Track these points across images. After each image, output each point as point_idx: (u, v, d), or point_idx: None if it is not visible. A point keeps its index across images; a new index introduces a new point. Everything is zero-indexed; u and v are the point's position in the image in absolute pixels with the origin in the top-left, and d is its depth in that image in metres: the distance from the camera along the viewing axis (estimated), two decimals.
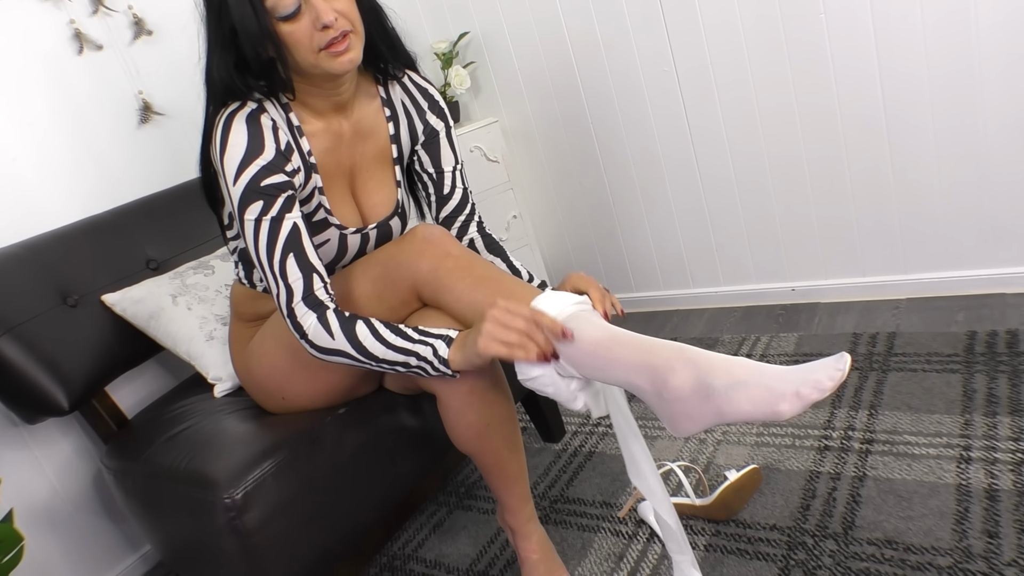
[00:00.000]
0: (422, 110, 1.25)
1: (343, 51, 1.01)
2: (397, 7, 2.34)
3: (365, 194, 1.23)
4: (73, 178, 1.71)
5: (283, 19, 0.98)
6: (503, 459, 1.16)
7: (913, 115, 1.69)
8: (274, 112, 1.07)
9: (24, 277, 1.41)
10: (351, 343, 1.01)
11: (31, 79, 1.65)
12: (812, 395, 0.79)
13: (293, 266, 1.02)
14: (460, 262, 1.10)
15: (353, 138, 1.18)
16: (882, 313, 1.85)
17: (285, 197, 1.03)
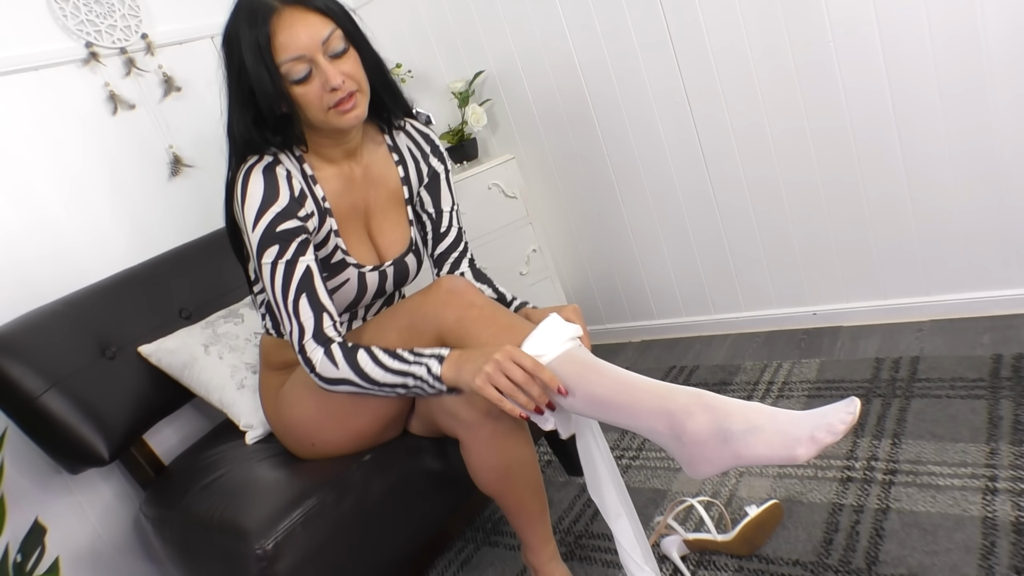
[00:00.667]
0: (425, 153, 1.33)
1: (350, 109, 1.09)
2: (413, 49, 2.42)
3: (381, 234, 1.30)
4: (110, 232, 1.79)
5: (295, 82, 1.07)
6: (524, 501, 1.19)
7: (927, 137, 1.69)
8: (288, 163, 1.15)
9: (66, 332, 1.49)
10: (354, 371, 1.07)
11: (71, 141, 1.74)
12: (826, 439, 0.84)
13: (305, 306, 1.09)
14: (484, 312, 1.14)
15: (365, 181, 1.26)
16: (905, 336, 1.83)
17: (299, 241, 1.11)
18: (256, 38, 1.04)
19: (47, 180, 1.69)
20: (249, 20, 1.06)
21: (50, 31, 1.74)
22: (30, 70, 1.69)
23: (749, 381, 1.89)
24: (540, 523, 1.23)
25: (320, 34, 1.06)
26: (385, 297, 1.36)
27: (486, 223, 2.15)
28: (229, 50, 1.10)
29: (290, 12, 1.05)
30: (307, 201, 1.14)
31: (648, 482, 1.63)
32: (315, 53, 1.06)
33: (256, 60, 1.05)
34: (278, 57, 1.05)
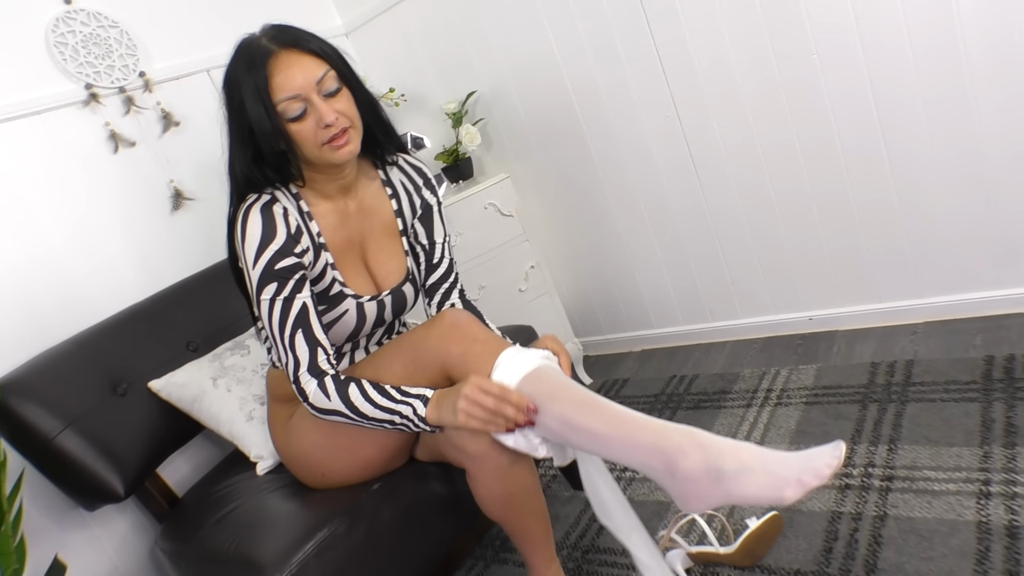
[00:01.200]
0: (418, 186, 1.38)
1: (343, 144, 1.15)
2: (406, 71, 2.45)
3: (377, 264, 1.34)
4: (116, 268, 1.83)
5: (291, 120, 1.13)
6: (528, 526, 1.24)
7: (912, 143, 1.72)
8: (285, 200, 1.20)
9: (77, 371, 1.52)
10: (345, 404, 1.14)
11: (74, 182, 1.78)
12: (812, 482, 0.89)
13: (301, 341, 1.15)
14: (488, 346, 1.17)
15: (360, 215, 1.31)
16: (900, 339, 1.86)
17: (296, 279, 1.16)
18: (255, 80, 1.10)
19: (53, 221, 1.73)
20: (248, 63, 1.12)
21: (51, 75, 1.78)
22: (33, 115, 1.73)
23: (748, 389, 1.92)
24: (544, 546, 1.27)
25: (314, 75, 1.12)
26: (385, 326, 1.40)
27: (484, 242, 2.18)
28: (229, 92, 1.15)
29: (286, 55, 1.12)
30: (303, 237, 1.18)
31: (651, 495, 1.66)
32: (310, 92, 1.11)
33: (255, 100, 1.10)
34: (275, 96, 1.11)
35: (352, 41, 2.56)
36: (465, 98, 2.32)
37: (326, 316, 1.24)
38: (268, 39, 1.13)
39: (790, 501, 0.89)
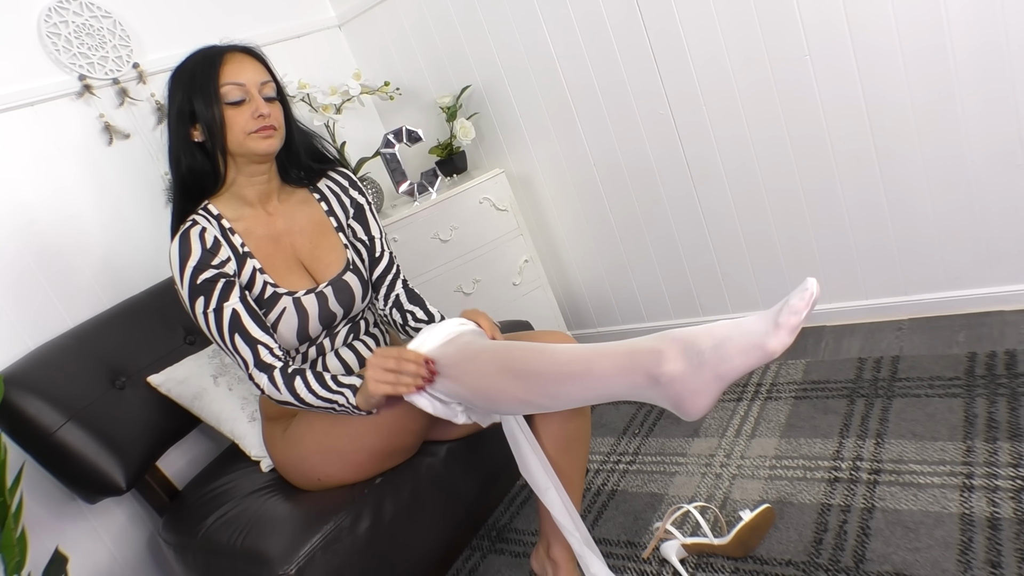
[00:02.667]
0: (344, 187, 1.46)
1: (268, 136, 1.26)
2: (399, 65, 2.45)
3: (314, 260, 1.38)
4: (111, 261, 1.82)
5: (229, 103, 1.24)
6: (573, 482, 1.29)
7: (901, 145, 1.76)
8: (204, 222, 1.28)
9: (76, 365, 1.53)
10: (292, 395, 1.23)
11: (69, 174, 1.77)
12: (791, 320, 0.83)
13: (241, 343, 1.24)
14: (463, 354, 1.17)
15: (286, 218, 1.38)
16: (886, 335, 1.91)
17: (220, 289, 1.24)
18: (207, 65, 1.23)
19: (47, 213, 1.72)
20: (204, 57, 1.26)
21: (44, 66, 1.76)
22: (26, 106, 1.71)
23: (739, 383, 1.96)
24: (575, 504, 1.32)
25: (261, 77, 1.27)
26: (348, 324, 1.41)
27: (479, 237, 2.20)
28: (177, 81, 1.27)
29: (242, 55, 1.27)
30: (221, 249, 1.26)
31: (645, 487, 1.70)
32: (252, 87, 1.25)
33: (204, 80, 1.22)
34: (221, 78, 1.23)
35: (345, 33, 2.55)
36: (460, 92, 2.33)
37: (268, 319, 1.29)
38: (226, 45, 1.28)
39: (778, 349, 0.84)
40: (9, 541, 1.30)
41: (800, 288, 0.84)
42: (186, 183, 1.31)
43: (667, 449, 1.81)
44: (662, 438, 1.87)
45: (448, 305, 2.18)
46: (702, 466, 1.69)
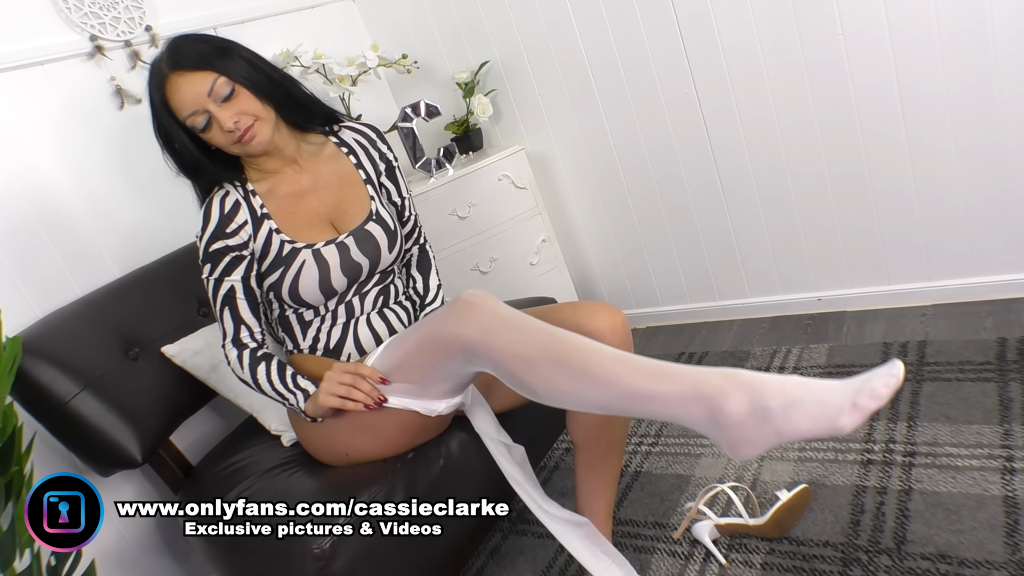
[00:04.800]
0: (372, 140, 1.44)
1: (250, 138, 1.24)
2: (415, 39, 2.40)
3: (339, 212, 1.36)
4: (122, 229, 1.76)
5: (201, 131, 1.24)
6: (612, 455, 1.29)
7: (933, 128, 1.73)
8: (229, 186, 1.31)
9: (89, 334, 1.47)
10: (251, 377, 1.27)
11: (80, 137, 1.71)
12: (870, 404, 0.81)
13: (228, 317, 1.28)
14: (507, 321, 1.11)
15: (312, 175, 1.37)
16: (910, 320, 1.90)
17: (227, 262, 1.27)
18: (161, 106, 1.23)
19: (58, 177, 1.66)
20: (153, 85, 1.23)
21: (54, 25, 1.69)
22: (35, 65, 1.64)
23: (760, 367, 1.94)
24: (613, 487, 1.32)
25: (202, 89, 1.20)
26: (377, 283, 1.37)
27: (497, 214, 2.16)
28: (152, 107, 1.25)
29: (174, 77, 1.20)
30: (239, 212, 1.28)
31: (670, 468, 1.67)
32: (204, 104, 1.20)
33: (168, 120, 1.23)
34: (179, 116, 1.22)
35: (359, 5, 2.49)
36: (478, 68, 2.28)
37: (287, 276, 1.29)
38: (163, 61, 1.22)
39: (848, 429, 0.81)
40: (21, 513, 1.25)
41: (886, 372, 0.81)
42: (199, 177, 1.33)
43: (690, 431, 1.77)
44: None
45: (465, 284, 2.14)
46: None
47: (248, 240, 1.28)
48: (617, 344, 1.16)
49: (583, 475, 1.30)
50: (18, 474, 1.22)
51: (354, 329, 1.35)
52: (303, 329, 1.36)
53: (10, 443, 1.22)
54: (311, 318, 1.35)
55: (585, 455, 1.28)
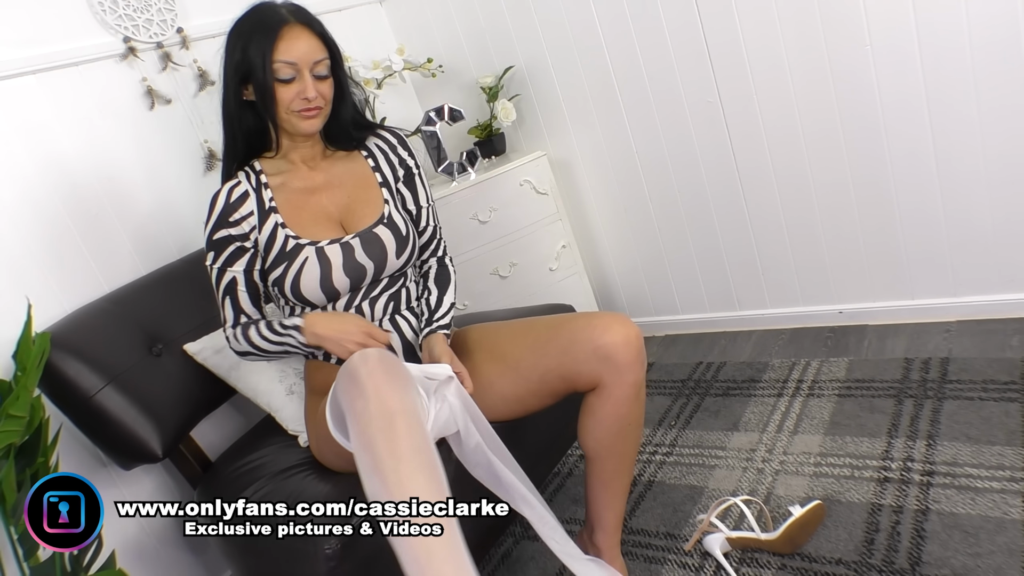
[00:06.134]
0: (392, 145, 1.44)
1: (310, 117, 1.28)
2: (441, 43, 2.42)
3: (349, 213, 1.37)
4: (149, 228, 1.80)
5: (279, 80, 1.24)
6: (624, 468, 1.28)
7: (962, 142, 1.71)
8: (242, 176, 1.33)
9: (114, 330, 1.50)
10: (248, 343, 1.31)
11: (110, 136, 1.75)
12: None
13: (228, 306, 1.34)
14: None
15: (326, 174, 1.38)
16: (933, 336, 1.87)
17: (231, 252, 1.30)
18: (264, 36, 1.22)
19: (88, 175, 1.70)
20: (261, 22, 1.24)
21: (89, 26, 1.73)
22: (70, 65, 1.68)
23: (778, 379, 1.92)
24: (623, 500, 1.32)
25: (315, 55, 1.25)
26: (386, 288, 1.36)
27: (518, 219, 2.16)
28: (235, 40, 1.26)
29: (299, 28, 1.24)
30: (244, 204, 1.30)
31: (683, 479, 1.67)
32: (304, 66, 1.24)
33: (257, 52, 1.22)
34: (275, 55, 1.22)
35: (386, 9, 2.51)
36: (502, 72, 2.29)
37: (289, 272, 1.29)
38: (287, 11, 1.26)
39: None
40: None
41: None
42: (236, 139, 1.33)
43: (705, 442, 1.77)
44: (700, 431, 1.83)
45: (484, 288, 2.15)
46: (743, 460, 1.65)
47: (251, 231, 1.30)
48: (630, 359, 1.18)
49: (594, 486, 1.31)
50: (44, 465, 1.26)
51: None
52: None
53: (37, 435, 1.26)
54: None
55: (596, 467, 1.28)
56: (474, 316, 1.73)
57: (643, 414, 1.28)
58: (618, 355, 1.17)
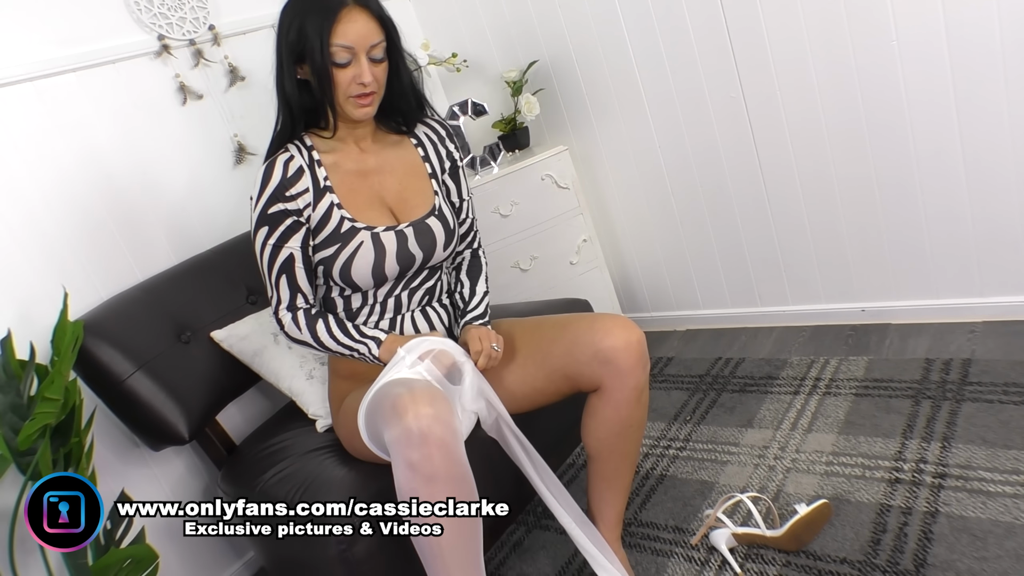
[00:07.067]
0: (441, 137, 1.45)
1: (365, 104, 1.26)
2: (467, 37, 2.44)
3: (401, 201, 1.37)
4: (179, 218, 1.87)
5: (335, 64, 1.22)
6: (624, 467, 1.30)
7: (991, 140, 1.67)
8: (294, 150, 1.29)
9: (146, 317, 1.58)
10: (312, 336, 1.30)
11: (144, 131, 1.82)
12: None
13: (284, 284, 1.30)
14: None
15: (379, 158, 1.37)
16: (957, 337, 1.84)
17: (286, 226, 1.26)
18: (323, 18, 1.19)
19: (123, 169, 1.77)
20: (321, 2, 1.20)
21: (126, 25, 1.80)
22: (108, 63, 1.75)
23: (796, 376, 1.92)
24: (623, 497, 1.34)
25: (372, 38, 1.23)
26: (426, 279, 1.39)
27: (539, 213, 2.18)
28: (291, 17, 1.23)
29: (358, 11, 1.21)
30: (301, 179, 1.27)
31: (695, 474, 1.68)
32: (360, 50, 1.22)
33: (315, 33, 1.19)
34: (333, 38, 1.20)
35: (414, 3, 2.54)
36: (526, 67, 2.30)
37: (342, 254, 1.28)
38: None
39: None
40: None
41: None
42: (294, 117, 1.30)
43: (719, 438, 1.78)
44: (714, 426, 1.84)
45: (504, 281, 2.18)
46: (755, 457, 1.66)
47: (306, 208, 1.27)
48: (630, 363, 1.20)
49: (595, 483, 1.33)
50: (77, 445, 1.33)
51: (400, 324, 1.38)
52: (349, 317, 1.37)
53: (70, 417, 1.33)
54: (358, 306, 1.36)
55: (598, 465, 1.31)
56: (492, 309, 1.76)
57: (645, 416, 1.29)
58: (618, 359, 1.19)
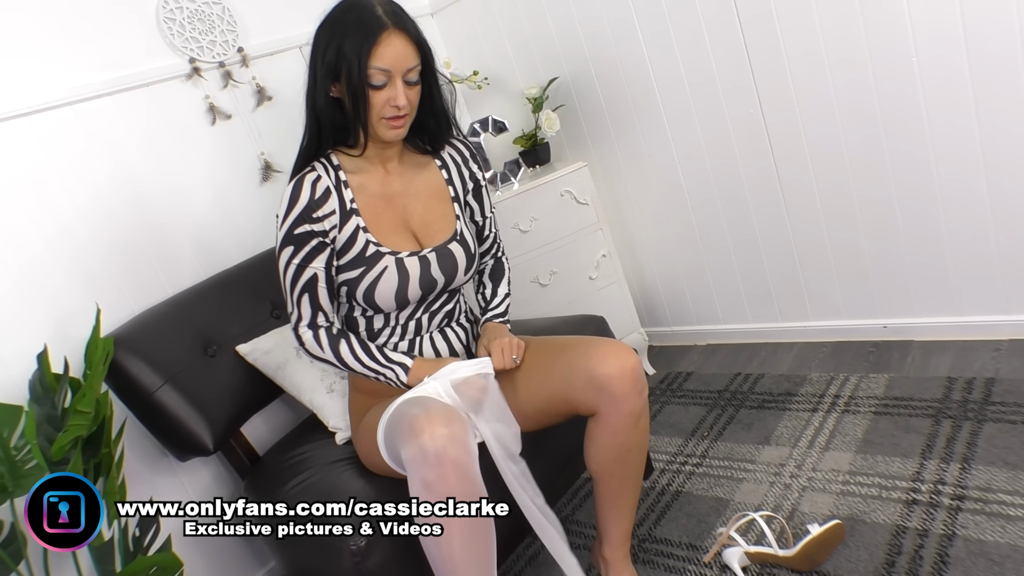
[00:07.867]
0: (465, 158, 1.47)
1: (397, 127, 1.28)
2: (488, 54, 2.48)
3: (424, 226, 1.39)
4: (208, 235, 1.93)
5: (371, 86, 1.23)
6: (626, 490, 1.31)
7: (1014, 156, 1.65)
8: (322, 170, 1.31)
9: (173, 331, 1.63)
10: (335, 356, 1.32)
11: (175, 151, 1.89)
12: None
13: (306, 303, 1.32)
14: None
15: (403, 181, 1.39)
16: (980, 355, 1.81)
17: (311, 247, 1.28)
18: (363, 40, 1.20)
19: (155, 187, 1.84)
20: (360, 21, 1.22)
21: (159, 49, 1.87)
22: (142, 87, 1.83)
23: (815, 393, 1.90)
24: (628, 517, 1.34)
25: (409, 62, 1.24)
26: (447, 301, 1.42)
27: (558, 229, 2.21)
28: (330, 35, 1.25)
29: (398, 34, 1.22)
30: (328, 201, 1.28)
31: (710, 491, 1.68)
32: (397, 73, 1.23)
33: (354, 54, 1.21)
34: (372, 61, 1.21)
35: (437, 22, 2.59)
36: (547, 83, 2.33)
37: (367, 277, 1.30)
38: (385, 13, 1.22)
39: None
40: (112, 488, 1.42)
41: None
42: (323, 135, 1.31)
43: (736, 455, 1.78)
44: (731, 443, 1.84)
45: (524, 296, 2.21)
46: (771, 475, 1.65)
47: (332, 230, 1.28)
48: (624, 389, 1.20)
49: (600, 504, 1.35)
50: (107, 455, 1.39)
51: (419, 345, 1.41)
52: (370, 337, 1.40)
53: (101, 428, 1.39)
54: (380, 326, 1.38)
55: (601, 487, 1.32)
56: None
57: (646, 439, 1.30)
58: (612, 386, 1.20)
